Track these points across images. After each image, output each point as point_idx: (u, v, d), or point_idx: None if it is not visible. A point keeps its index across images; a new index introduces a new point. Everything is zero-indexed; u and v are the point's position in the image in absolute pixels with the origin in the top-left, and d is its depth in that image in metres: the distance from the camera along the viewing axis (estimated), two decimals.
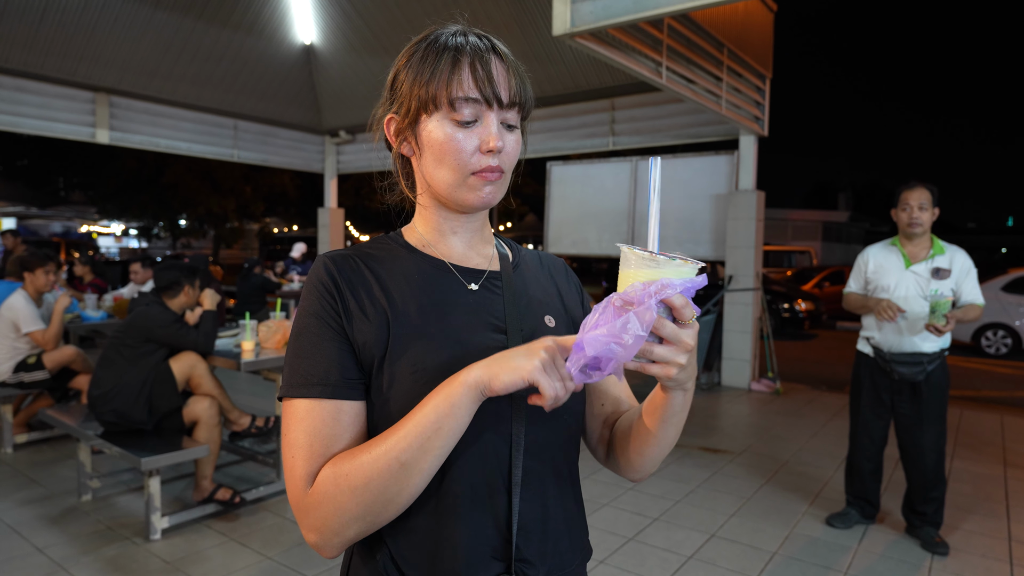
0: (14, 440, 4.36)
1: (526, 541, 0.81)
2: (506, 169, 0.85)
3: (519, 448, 0.81)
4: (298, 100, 9.99)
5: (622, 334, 0.62)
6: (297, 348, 0.80)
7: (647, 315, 0.62)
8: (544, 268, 0.99)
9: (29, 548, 3.00)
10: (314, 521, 0.73)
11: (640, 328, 0.62)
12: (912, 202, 3.11)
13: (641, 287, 0.63)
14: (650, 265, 0.65)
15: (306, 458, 0.75)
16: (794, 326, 11.40)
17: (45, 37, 7.12)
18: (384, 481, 0.71)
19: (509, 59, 0.84)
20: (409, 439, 0.71)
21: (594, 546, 3.09)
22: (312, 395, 0.76)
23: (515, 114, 0.84)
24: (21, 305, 4.24)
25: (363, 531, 0.74)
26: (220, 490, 3.38)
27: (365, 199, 27.97)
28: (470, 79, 0.80)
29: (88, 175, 28.19)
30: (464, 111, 0.80)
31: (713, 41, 5.96)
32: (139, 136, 8.56)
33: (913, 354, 3.13)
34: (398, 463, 0.70)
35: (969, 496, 3.85)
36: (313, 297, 0.81)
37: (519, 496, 0.81)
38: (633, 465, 0.90)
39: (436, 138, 0.82)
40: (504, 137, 0.83)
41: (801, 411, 5.81)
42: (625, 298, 0.63)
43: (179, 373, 3.45)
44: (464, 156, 0.81)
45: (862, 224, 35.95)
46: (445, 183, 0.84)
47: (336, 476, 0.72)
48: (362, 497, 0.71)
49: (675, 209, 7.51)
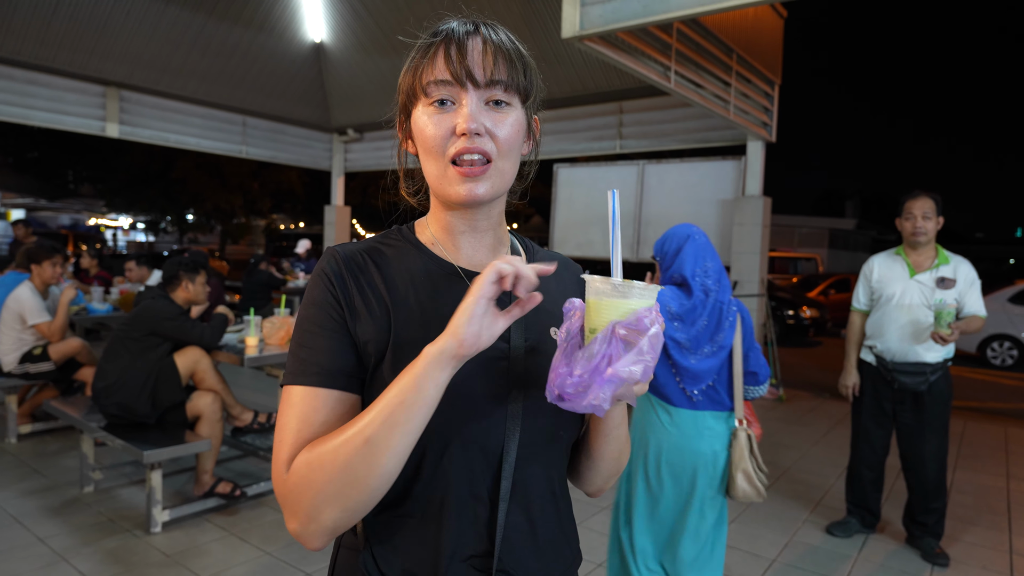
0: (18, 430, 4.39)
1: (509, 552, 0.81)
2: (496, 156, 0.79)
3: (509, 460, 0.80)
4: (307, 97, 10.01)
5: (646, 356, 0.67)
6: (299, 337, 0.79)
7: (658, 339, 0.68)
8: (559, 273, 0.95)
9: (31, 538, 3.01)
10: (292, 506, 0.72)
11: (657, 349, 0.68)
12: (916, 211, 3.10)
13: (640, 314, 0.68)
14: (621, 294, 0.69)
15: (291, 443, 0.74)
16: (799, 333, 11.36)
17: (57, 31, 7.16)
18: (352, 460, 0.68)
19: (494, 40, 0.79)
20: (376, 417, 0.69)
21: (593, 550, 3.09)
22: (307, 383, 0.76)
23: (503, 92, 0.79)
24: (27, 297, 4.27)
25: (341, 518, 0.71)
26: (220, 484, 3.40)
27: (372, 197, 27.99)
28: (441, 61, 0.77)
29: (97, 168, 28.31)
30: (436, 94, 0.78)
31: (722, 46, 5.95)
32: (148, 131, 8.60)
33: (916, 364, 3.12)
34: (363, 440, 0.68)
35: (971, 507, 3.83)
36: (318, 288, 0.80)
37: (504, 508, 0.80)
38: (585, 479, 0.94)
39: (419, 127, 0.80)
40: (487, 116, 0.78)
41: (803, 419, 5.80)
42: (630, 327, 0.67)
43: (183, 368, 3.46)
44: (440, 142, 0.78)
45: (869, 232, 35.83)
46: (432, 175, 0.82)
47: (309, 459, 0.71)
48: (332, 477, 0.69)
49: (681, 213, 7.50)
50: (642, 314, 0.67)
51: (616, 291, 0.69)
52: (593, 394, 0.68)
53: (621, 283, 0.69)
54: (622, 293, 0.69)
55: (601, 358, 0.67)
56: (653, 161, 7.78)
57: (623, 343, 0.67)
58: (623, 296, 0.69)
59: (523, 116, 0.82)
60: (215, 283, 6.31)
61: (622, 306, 0.69)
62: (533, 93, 0.83)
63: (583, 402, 0.68)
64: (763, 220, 6.73)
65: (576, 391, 0.68)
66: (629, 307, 0.69)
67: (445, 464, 0.78)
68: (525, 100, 0.83)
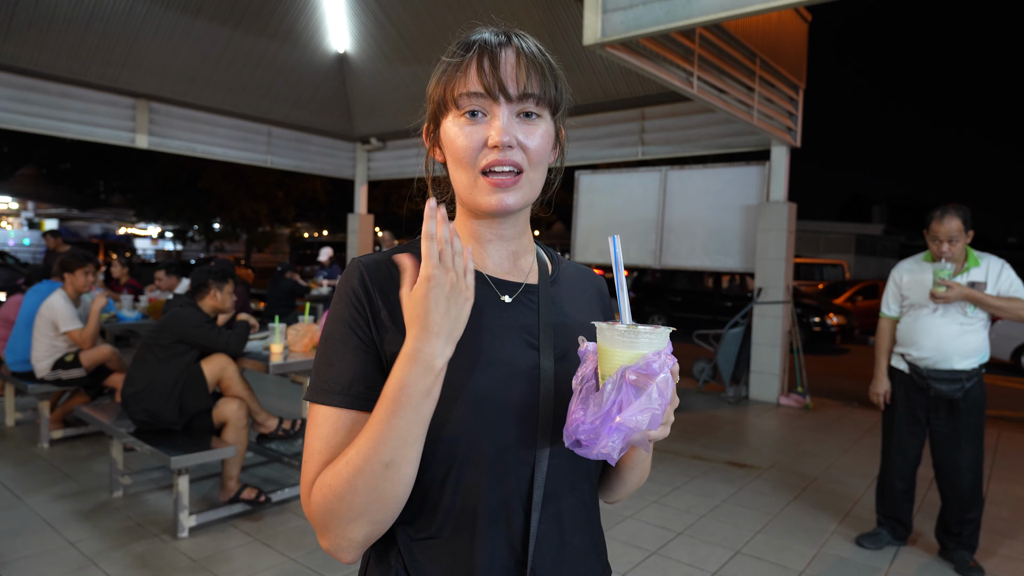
0: (50, 435, 4.48)
1: (541, 562, 0.80)
2: (526, 166, 0.80)
3: (541, 470, 0.79)
4: (331, 107, 10.15)
5: (654, 403, 0.67)
6: (325, 353, 0.79)
7: (668, 384, 0.68)
8: (583, 284, 0.96)
9: (62, 542, 3.07)
10: (321, 527, 0.73)
11: (667, 396, 0.68)
12: (941, 236, 3.03)
13: (649, 358, 0.68)
14: (629, 341, 0.69)
15: (315, 465, 0.75)
16: (825, 340, 11.18)
17: (89, 45, 7.36)
18: (372, 482, 0.69)
19: (527, 52, 0.80)
20: (371, 433, 0.69)
21: (617, 559, 3.06)
22: (332, 403, 0.76)
23: (534, 105, 0.79)
24: (60, 304, 4.36)
25: (371, 531, 0.72)
26: (246, 490, 3.43)
27: (395, 206, 28.25)
28: (474, 74, 0.78)
29: (127, 179, 29.00)
30: (468, 106, 0.78)
31: (745, 51, 5.91)
32: (177, 141, 8.78)
33: (951, 371, 3.05)
34: (382, 465, 0.69)
35: (1007, 520, 3.72)
36: (344, 303, 0.80)
37: (537, 517, 0.79)
38: (607, 490, 0.96)
39: (450, 138, 0.80)
40: (518, 128, 0.79)
41: (831, 427, 5.69)
42: (639, 372, 0.67)
43: (210, 375, 3.51)
44: (471, 153, 0.78)
45: (897, 237, 35.22)
46: (461, 185, 0.82)
47: (322, 484, 0.72)
48: (349, 500, 0.70)
49: (705, 220, 7.44)
50: (651, 359, 0.67)
51: (624, 338, 0.69)
52: (603, 442, 0.68)
53: (627, 330, 0.69)
54: (630, 340, 0.69)
55: (612, 404, 0.67)
56: (676, 167, 7.74)
57: (634, 388, 0.67)
58: (631, 344, 0.69)
59: (552, 127, 0.83)
60: (240, 291, 6.39)
61: (632, 349, 0.69)
62: (562, 104, 0.84)
63: (594, 450, 0.69)
64: (788, 226, 6.65)
65: (588, 438, 0.68)
66: (637, 352, 0.69)
67: (477, 475, 0.77)
68: (555, 112, 0.83)
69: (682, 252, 7.67)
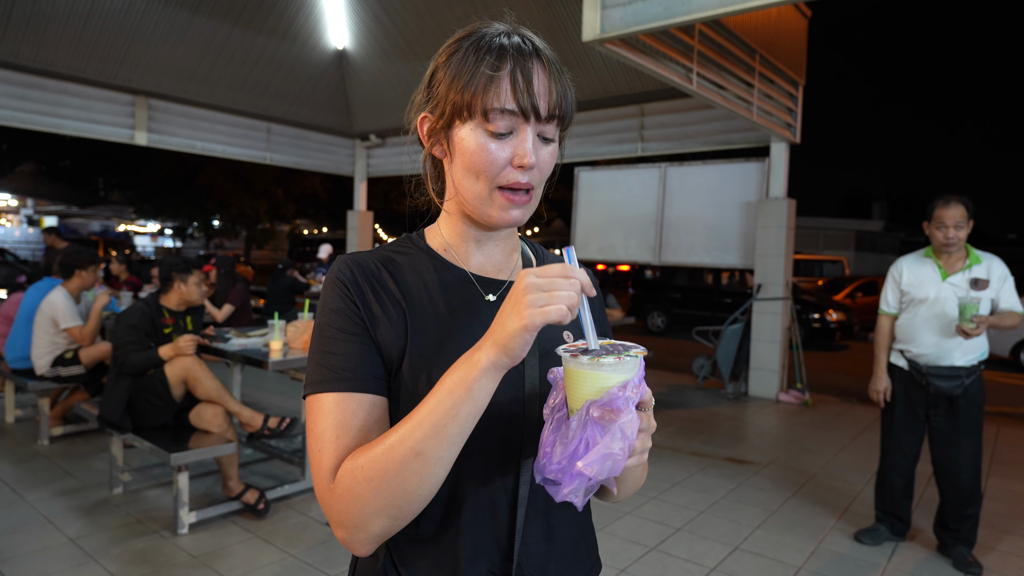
0: (50, 432, 4.49)
1: (528, 556, 0.81)
2: (536, 184, 0.81)
3: (527, 464, 0.80)
4: (330, 104, 10.13)
5: (615, 447, 0.63)
6: (322, 345, 0.78)
7: (632, 424, 0.64)
8: None
9: (62, 538, 3.08)
10: (339, 516, 0.71)
11: (631, 436, 0.64)
12: (947, 221, 3.03)
13: (613, 394, 0.64)
14: (593, 370, 0.65)
15: (333, 451, 0.73)
16: (824, 337, 11.18)
17: (88, 42, 7.34)
18: (402, 473, 0.67)
19: (553, 65, 0.79)
20: (424, 427, 0.67)
21: (615, 555, 3.07)
22: (340, 388, 0.75)
23: (554, 127, 0.79)
24: (60, 301, 4.36)
25: (390, 526, 0.71)
26: (248, 492, 3.41)
27: (394, 203, 28.23)
28: (508, 89, 0.75)
29: (127, 176, 28.94)
30: (499, 123, 0.76)
31: (745, 47, 5.90)
32: (176, 138, 8.76)
33: (951, 368, 3.05)
34: (413, 452, 0.67)
35: (1005, 516, 3.73)
36: (334, 294, 0.80)
37: (523, 513, 0.80)
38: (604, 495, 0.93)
39: (468, 147, 0.78)
40: (538, 151, 0.78)
41: (830, 423, 5.70)
42: (604, 408, 0.64)
43: (173, 377, 3.39)
44: (494, 168, 0.77)
45: (897, 234, 35.20)
46: (472, 194, 0.80)
47: (353, 469, 0.70)
48: (380, 490, 0.68)
49: (704, 216, 7.44)
50: (615, 394, 0.63)
51: (587, 369, 0.65)
52: (566, 487, 0.66)
53: (589, 362, 0.65)
54: (593, 372, 0.65)
55: (579, 443, 0.64)
56: (675, 164, 7.73)
57: (599, 425, 0.64)
58: (594, 377, 0.65)
59: (558, 142, 0.83)
60: (240, 288, 6.41)
61: (596, 381, 0.65)
62: (569, 118, 0.83)
63: (559, 495, 0.67)
64: (787, 222, 6.65)
65: (556, 477, 0.66)
66: (602, 384, 0.64)
67: (462, 471, 0.77)
68: (564, 127, 0.83)
69: (682, 248, 7.68)
